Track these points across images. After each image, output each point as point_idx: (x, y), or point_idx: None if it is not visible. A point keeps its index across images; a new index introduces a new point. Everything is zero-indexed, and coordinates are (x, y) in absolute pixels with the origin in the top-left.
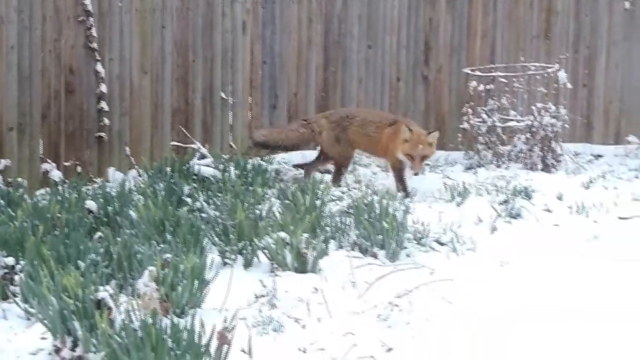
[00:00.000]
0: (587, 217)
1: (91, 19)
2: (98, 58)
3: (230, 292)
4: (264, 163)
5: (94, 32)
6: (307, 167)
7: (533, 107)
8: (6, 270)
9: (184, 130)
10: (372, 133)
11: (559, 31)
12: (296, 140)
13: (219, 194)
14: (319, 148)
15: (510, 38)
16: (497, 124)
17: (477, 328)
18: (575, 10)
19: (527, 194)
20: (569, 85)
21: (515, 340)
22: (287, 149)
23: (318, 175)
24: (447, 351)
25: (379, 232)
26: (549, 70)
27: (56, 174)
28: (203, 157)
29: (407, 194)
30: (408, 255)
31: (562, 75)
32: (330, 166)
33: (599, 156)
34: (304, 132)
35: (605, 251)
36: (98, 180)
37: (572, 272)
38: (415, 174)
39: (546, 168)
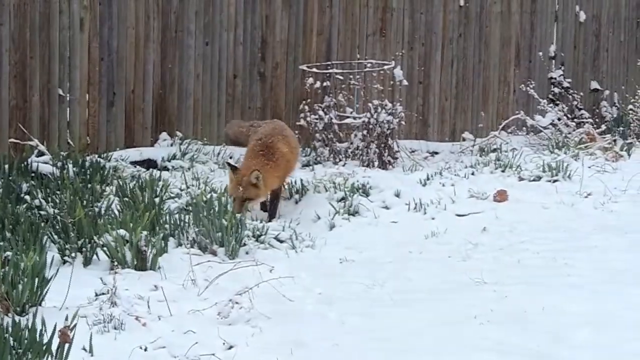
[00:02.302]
0: (425, 214)
1: None
2: None
3: (71, 290)
4: (102, 160)
5: None
6: None
7: (369, 104)
8: None
9: (22, 128)
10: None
11: (395, 28)
12: (240, 139)
13: (58, 192)
14: None
15: (347, 35)
16: (334, 120)
17: (317, 325)
18: (410, 8)
19: (365, 191)
20: (405, 83)
21: (352, 332)
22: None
23: (156, 172)
24: (287, 350)
25: (218, 230)
26: (385, 67)
27: None
28: (41, 154)
29: (270, 219)
30: (247, 253)
31: (398, 72)
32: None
33: (435, 153)
34: (242, 132)
35: (442, 247)
36: None
37: (411, 268)
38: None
39: (383, 165)
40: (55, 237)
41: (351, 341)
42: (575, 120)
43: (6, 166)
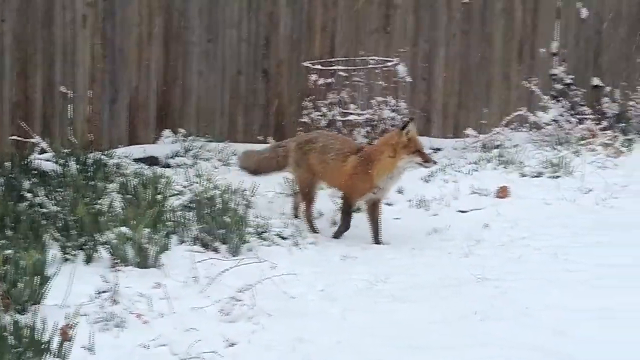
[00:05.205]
0: (428, 211)
1: None
2: None
3: (72, 288)
4: (104, 157)
5: None
6: (295, 196)
7: (373, 101)
8: None
9: (24, 125)
10: (331, 160)
11: (399, 25)
12: (267, 166)
13: (60, 189)
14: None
15: (350, 32)
16: (338, 117)
17: (319, 321)
18: (414, 5)
19: None
20: (409, 79)
21: (354, 329)
22: (266, 173)
23: (159, 169)
24: (290, 347)
25: (221, 227)
26: (389, 64)
27: None
28: (43, 151)
29: (342, 231)
30: (250, 250)
31: (402, 69)
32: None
33: (438, 149)
34: (270, 157)
35: (445, 244)
36: None
37: (413, 264)
38: (435, 163)
39: None
40: (57, 234)
41: (354, 337)
42: (576, 116)
43: (8, 163)
